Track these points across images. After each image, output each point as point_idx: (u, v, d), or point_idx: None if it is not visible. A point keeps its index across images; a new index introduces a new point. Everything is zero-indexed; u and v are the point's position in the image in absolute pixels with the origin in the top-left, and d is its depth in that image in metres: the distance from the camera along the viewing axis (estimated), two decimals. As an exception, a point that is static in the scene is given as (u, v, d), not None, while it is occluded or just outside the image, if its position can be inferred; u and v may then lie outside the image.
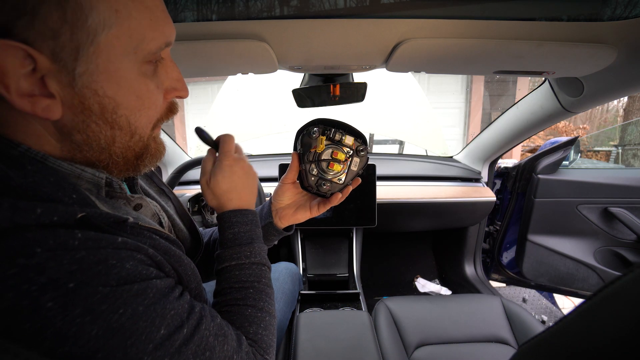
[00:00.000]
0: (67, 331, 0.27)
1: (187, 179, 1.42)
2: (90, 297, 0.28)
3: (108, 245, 0.31)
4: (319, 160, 0.56)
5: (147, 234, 0.37)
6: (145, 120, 0.37)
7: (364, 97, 0.89)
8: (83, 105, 0.33)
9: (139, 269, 0.32)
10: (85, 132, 0.34)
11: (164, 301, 0.33)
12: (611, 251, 1.44)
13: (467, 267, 1.70)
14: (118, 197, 0.42)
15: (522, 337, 0.91)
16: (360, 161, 0.58)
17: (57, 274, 0.27)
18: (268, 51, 0.65)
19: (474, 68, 0.78)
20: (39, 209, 0.28)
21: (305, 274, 1.41)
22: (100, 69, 0.32)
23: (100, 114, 0.34)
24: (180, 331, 0.33)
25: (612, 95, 0.87)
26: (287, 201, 0.62)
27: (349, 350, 0.80)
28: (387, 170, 1.49)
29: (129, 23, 0.32)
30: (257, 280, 0.47)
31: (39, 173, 0.31)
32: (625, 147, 4.15)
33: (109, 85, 0.33)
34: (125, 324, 0.29)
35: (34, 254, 0.26)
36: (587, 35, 0.62)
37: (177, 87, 0.40)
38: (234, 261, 0.48)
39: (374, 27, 0.60)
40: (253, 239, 0.50)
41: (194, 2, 0.55)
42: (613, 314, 0.22)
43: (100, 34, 0.31)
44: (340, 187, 0.59)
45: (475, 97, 4.87)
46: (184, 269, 0.39)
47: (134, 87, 0.35)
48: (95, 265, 0.29)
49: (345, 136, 0.56)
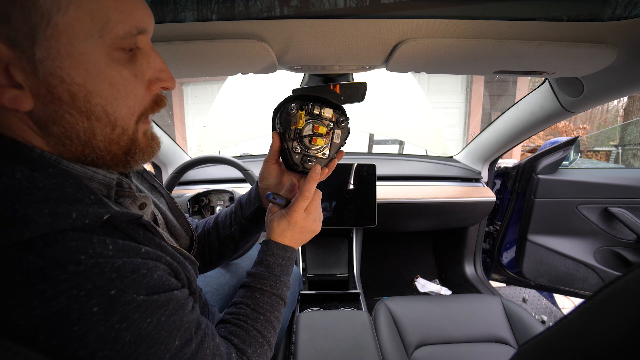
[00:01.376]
0: (107, 336, 0.28)
1: (187, 179, 1.42)
2: (127, 305, 0.29)
3: (136, 254, 0.33)
4: (300, 136, 0.54)
5: (157, 241, 0.39)
6: (126, 110, 0.35)
7: (364, 97, 0.89)
8: (52, 94, 0.31)
9: (163, 279, 0.34)
10: (61, 123, 0.33)
11: (181, 313, 0.35)
12: (611, 251, 1.44)
13: (467, 267, 1.70)
14: (126, 196, 0.42)
15: (522, 337, 0.91)
16: (342, 133, 0.57)
17: (101, 281, 0.28)
18: (268, 51, 0.65)
19: (474, 68, 0.78)
20: (74, 214, 0.29)
21: (305, 274, 1.41)
22: (63, 54, 0.30)
23: (72, 102, 0.32)
24: (189, 345, 0.35)
25: (612, 95, 0.87)
26: (273, 182, 0.61)
27: (349, 350, 0.79)
28: (387, 170, 1.49)
29: (89, 4, 0.30)
30: (270, 311, 0.50)
31: (60, 175, 0.32)
32: (625, 147, 4.15)
33: (76, 71, 0.31)
34: (152, 332, 0.31)
35: (80, 262, 0.28)
36: (587, 35, 0.62)
37: (162, 78, 0.38)
38: (259, 285, 0.51)
39: (374, 27, 0.60)
40: (283, 273, 0.53)
41: (194, 2, 0.55)
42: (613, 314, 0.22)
43: (55, 14, 0.29)
44: (326, 161, 0.57)
45: (475, 97, 4.87)
46: (189, 274, 0.41)
47: (105, 74, 0.33)
48: (130, 274, 0.31)
49: (324, 109, 0.54)
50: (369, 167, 1.28)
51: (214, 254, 0.66)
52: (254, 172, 1.13)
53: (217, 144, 1.88)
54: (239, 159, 1.20)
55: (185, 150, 1.50)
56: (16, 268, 0.26)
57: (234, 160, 1.13)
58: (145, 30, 0.35)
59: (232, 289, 0.91)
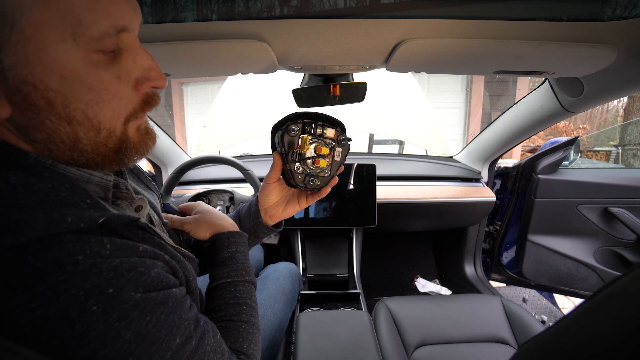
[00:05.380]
0: (107, 334, 0.28)
1: (187, 179, 1.42)
2: (125, 303, 0.29)
3: (133, 253, 0.32)
4: (303, 159, 0.54)
5: (157, 240, 0.39)
6: (110, 114, 0.33)
7: (364, 97, 0.89)
8: (26, 101, 0.29)
9: (161, 276, 0.34)
10: (43, 129, 0.31)
11: (180, 311, 0.35)
12: (611, 251, 1.44)
13: (467, 267, 1.70)
14: (123, 199, 0.42)
15: (522, 337, 0.91)
16: (342, 150, 0.57)
17: (99, 280, 0.28)
18: (268, 51, 0.65)
19: (474, 68, 0.78)
20: (69, 218, 0.29)
21: (305, 274, 1.41)
22: (33, 60, 0.28)
23: (50, 109, 0.30)
24: (189, 342, 0.35)
25: (612, 95, 0.87)
26: (275, 199, 0.61)
27: (349, 350, 0.79)
28: (387, 170, 1.49)
29: (57, 4, 0.28)
30: (249, 297, 0.50)
31: (55, 179, 0.32)
32: (625, 147, 4.15)
33: (50, 77, 0.29)
34: (152, 330, 0.31)
35: (78, 262, 0.28)
36: (587, 35, 0.62)
37: (150, 77, 0.35)
38: (231, 278, 0.51)
39: (374, 27, 0.60)
40: (247, 259, 0.54)
41: (194, 2, 0.55)
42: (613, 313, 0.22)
43: (19, 18, 0.27)
44: (327, 179, 0.58)
45: (475, 97, 4.86)
46: (188, 272, 0.41)
47: (82, 79, 0.30)
48: (127, 272, 0.30)
49: (326, 129, 0.54)
50: (369, 167, 1.28)
51: (208, 260, 0.66)
52: (254, 172, 1.13)
53: (217, 144, 1.88)
54: (239, 159, 1.20)
55: (185, 150, 1.50)
56: (15, 270, 0.26)
57: (234, 160, 1.13)
58: (127, 27, 0.33)
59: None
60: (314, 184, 0.56)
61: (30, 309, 0.26)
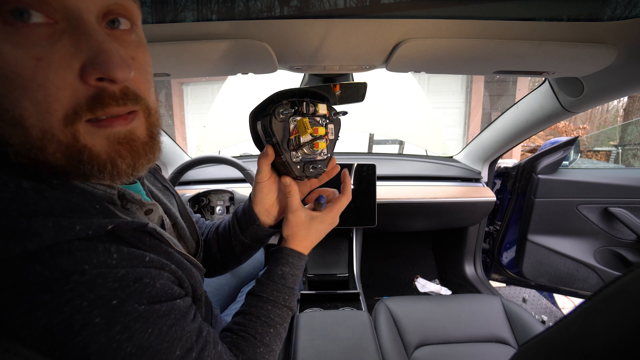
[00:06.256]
0: (108, 347, 0.27)
1: (187, 179, 1.42)
2: (129, 315, 0.29)
3: (140, 263, 0.32)
4: (300, 145, 0.47)
5: (164, 248, 0.38)
6: (33, 107, 0.27)
7: (364, 97, 0.89)
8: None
9: (166, 288, 0.33)
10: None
11: (183, 323, 0.34)
12: (611, 251, 1.44)
13: (467, 267, 1.70)
14: (133, 202, 0.41)
15: (522, 337, 0.91)
16: (335, 126, 0.51)
17: (103, 291, 0.28)
18: (268, 51, 0.65)
19: (474, 68, 0.78)
20: (78, 226, 0.28)
21: (305, 274, 1.41)
22: None
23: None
24: (190, 354, 0.34)
25: (612, 95, 0.87)
26: (271, 200, 0.55)
27: (349, 350, 0.79)
28: (387, 170, 1.49)
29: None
30: (280, 324, 0.48)
31: (65, 186, 0.31)
32: (625, 147, 4.15)
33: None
34: (153, 343, 0.30)
35: (84, 272, 0.27)
36: (587, 35, 0.62)
37: (97, 62, 0.27)
38: (272, 297, 0.49)
39: (374, 27, 0.60)
40: (295, 284, 0.51)
41: (193, 2, 0.55)
42: (613, 314, 0.22)
43: None
44: (326, 162, 0.53)
45: (475, 97, 4.86)
46: (194, 280, 0.41)
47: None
48: (132, 284, 0.30)
49: (318, 105, 0.47)
50: (369, 167, 1.28)
51: (217, 265, 0.65)
52: (253, 172, 1.13)
53: (217, 144, 1.88)
54: (239, 159, 1.20)
55: (185, 150, 1.50)
56: (21, 279, 0.25)
57: (234, 160, 1.13)
58: None
59: (232, 289, 0.90)
60: (315, 170, 0.50)
61: (34, 319, 0.25)
